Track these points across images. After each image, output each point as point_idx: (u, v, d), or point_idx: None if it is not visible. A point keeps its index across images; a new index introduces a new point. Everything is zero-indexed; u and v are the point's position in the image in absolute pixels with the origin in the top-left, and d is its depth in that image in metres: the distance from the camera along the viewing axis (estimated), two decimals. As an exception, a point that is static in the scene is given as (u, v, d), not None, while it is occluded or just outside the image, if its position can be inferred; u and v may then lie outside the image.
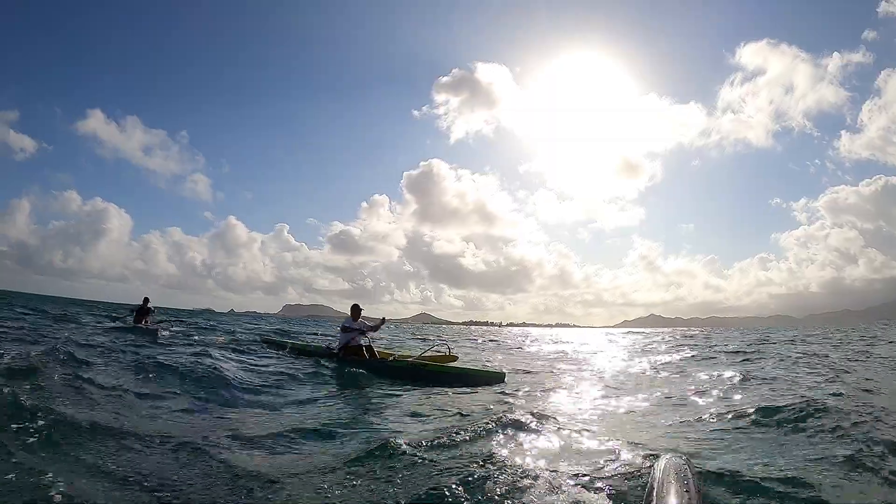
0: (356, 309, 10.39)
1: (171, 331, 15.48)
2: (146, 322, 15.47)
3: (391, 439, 3.77)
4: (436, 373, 8.91)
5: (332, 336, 14.63)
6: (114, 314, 18.38)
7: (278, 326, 29.94)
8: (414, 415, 5.60)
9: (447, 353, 10.61)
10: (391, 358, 10.04)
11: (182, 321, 22.74)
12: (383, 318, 10.46)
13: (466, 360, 12.28)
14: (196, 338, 14.52)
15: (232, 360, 9.55)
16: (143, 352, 9.48)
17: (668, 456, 2.02)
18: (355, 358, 9.86)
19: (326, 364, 9.93)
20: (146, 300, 16.04)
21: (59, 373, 5.63)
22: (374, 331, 10.38)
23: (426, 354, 10.64)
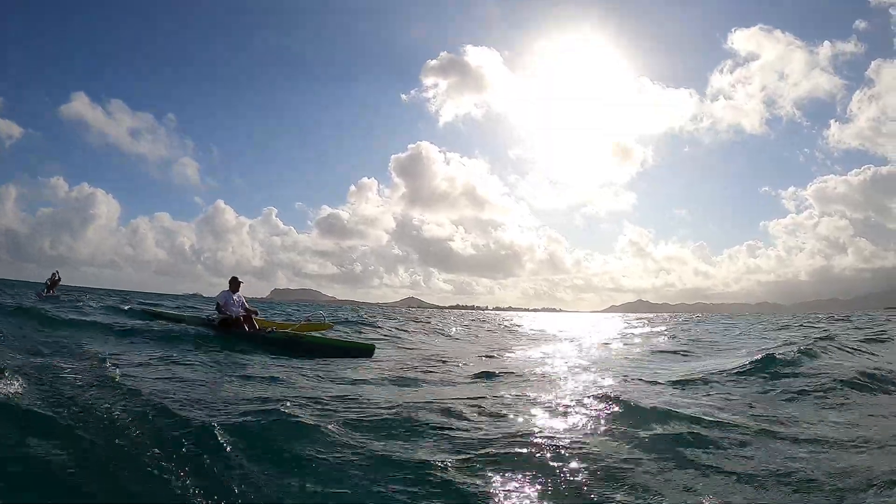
0: (235, 282, 10.21)
1: (69, 299, 18.28)
2: (53, 291, 19.13)
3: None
4: (311, 343, 9.07)
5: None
6: (39, 290, 20.60)
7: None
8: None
9: (323, 322, 11.28)
10: (269, 329, 10.11)
11: (86, 294, 24.44)
12: (255, 311, 10.24)
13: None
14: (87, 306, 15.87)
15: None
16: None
17: None
18: (234, 329, 9.74)
19: (200, 333, 9.78)
20: (54, 274, 19.81)
21: None
22: (252, 314, 10.15)
23: (303, 323, 11.22)
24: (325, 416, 3.72)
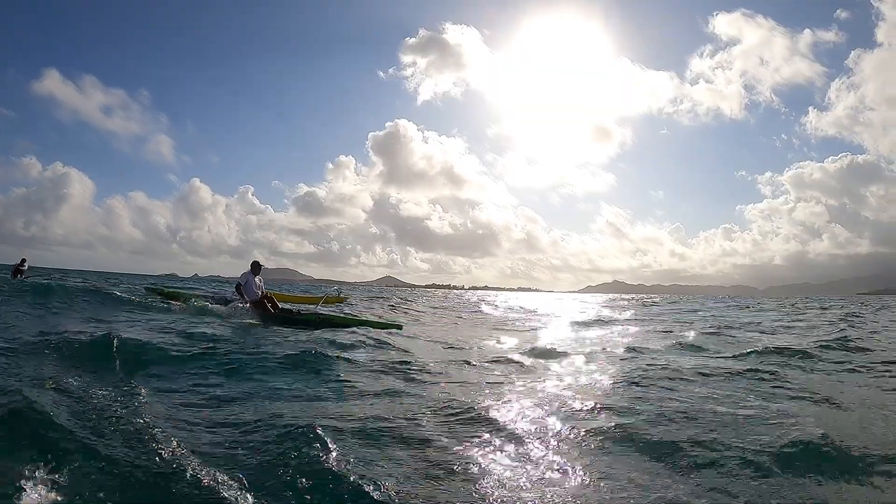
0: (257, 265, 10.78)
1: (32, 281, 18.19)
2: (21, 275, 19.56)
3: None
4: (341, 325, 9.53)
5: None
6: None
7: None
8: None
9: (339, 296, 11.71)
10: (297, 310, 10.67)
11: (50, 277, 24.65)
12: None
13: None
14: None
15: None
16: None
17: None
18: (261, 311, 10.30)
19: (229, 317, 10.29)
20: (23, 260, 20.59)
21: None
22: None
23: (323, 302, 11.72)
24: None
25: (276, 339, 7.68)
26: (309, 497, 2.24)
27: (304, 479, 2.35)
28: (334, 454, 2.61)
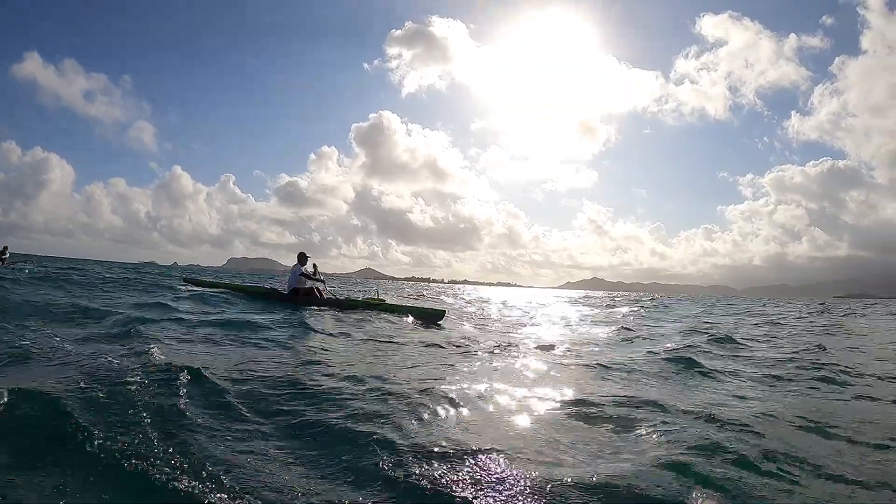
0: (303, 256, 11.56)
1: (17, 268, 18.75)
2: (3, 263, 19.88)
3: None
4: (386, 311, 10.36)
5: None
6: None
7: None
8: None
9: (376, 296, 12.77)
10: (343, 298, 11.50)
11: (33, 263, 24.47)
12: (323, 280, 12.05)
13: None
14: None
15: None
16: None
17: None
18: (308, 298, 11.05)
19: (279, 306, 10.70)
20: (5, 248, 20.81)
21: None
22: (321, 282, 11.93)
23: (365, 299, 12.55)
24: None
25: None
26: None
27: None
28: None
